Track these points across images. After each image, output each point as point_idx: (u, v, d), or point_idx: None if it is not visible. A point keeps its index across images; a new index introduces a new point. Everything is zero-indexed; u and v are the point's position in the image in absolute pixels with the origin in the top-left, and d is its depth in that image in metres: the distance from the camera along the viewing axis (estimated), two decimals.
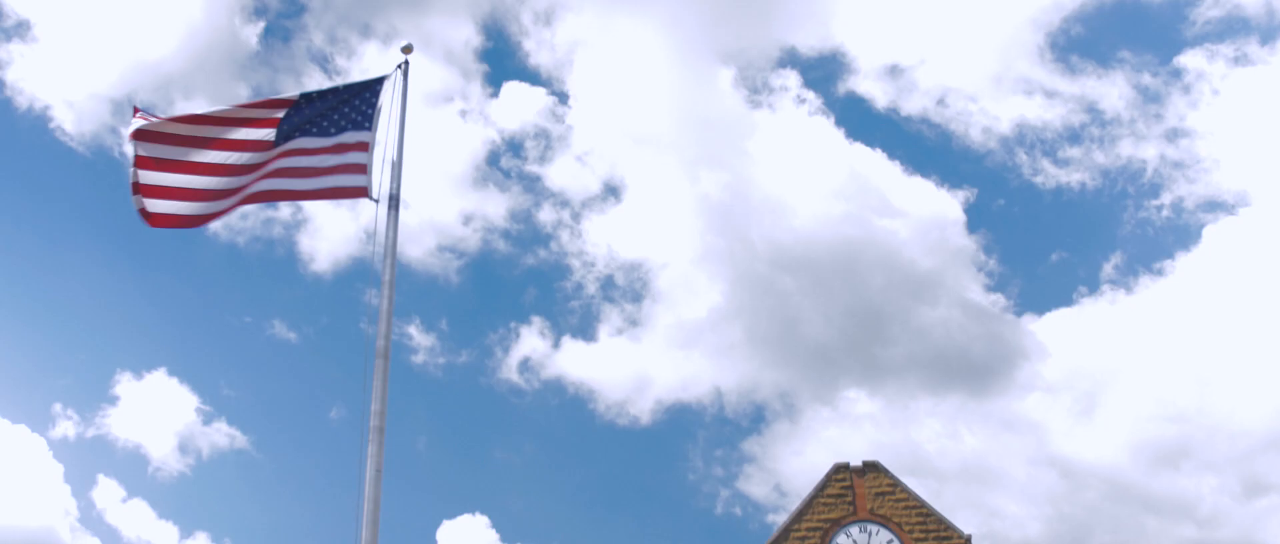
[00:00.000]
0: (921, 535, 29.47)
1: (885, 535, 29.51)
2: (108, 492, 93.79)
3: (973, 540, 30.09)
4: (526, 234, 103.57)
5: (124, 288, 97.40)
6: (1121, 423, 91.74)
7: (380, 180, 14.48)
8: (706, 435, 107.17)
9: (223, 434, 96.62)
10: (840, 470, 30.51)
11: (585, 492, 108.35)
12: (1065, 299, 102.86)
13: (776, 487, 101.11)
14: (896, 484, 30.05)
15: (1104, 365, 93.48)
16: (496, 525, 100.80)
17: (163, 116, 13.55)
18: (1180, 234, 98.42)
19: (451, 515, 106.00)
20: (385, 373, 12.67)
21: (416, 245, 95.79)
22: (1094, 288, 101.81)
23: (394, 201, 14.38)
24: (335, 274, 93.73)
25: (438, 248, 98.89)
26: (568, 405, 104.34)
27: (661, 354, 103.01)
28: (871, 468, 30.40)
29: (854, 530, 29.58)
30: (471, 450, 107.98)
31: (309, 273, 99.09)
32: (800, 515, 29.68)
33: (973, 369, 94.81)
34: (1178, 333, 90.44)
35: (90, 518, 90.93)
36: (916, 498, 29.89)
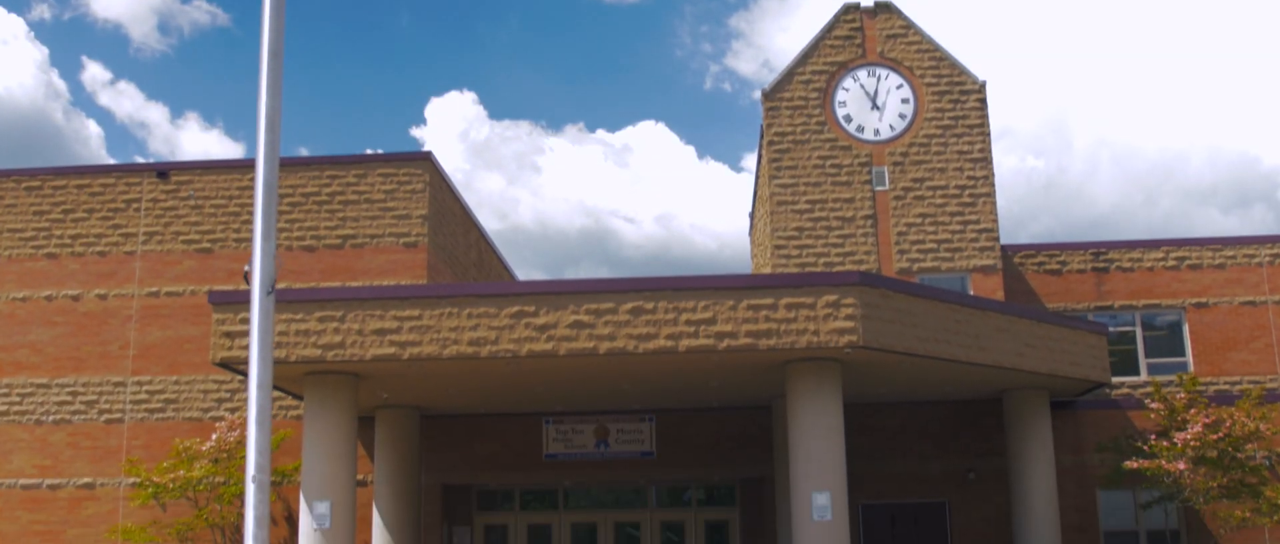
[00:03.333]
0: (933, 81, 27.73)
1: (895, 79, 27.74)
2: (95, 74, 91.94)
3: (986, 88, 28.42)
4: None
5: None
6: None
7: None
8: (693, 11, 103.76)
9: (204, 12, 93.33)
10: (849, 10, 28.28)
11: (572, 68, 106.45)
12: None
13: (765, 63, 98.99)
14: (909, 26, 27.96)
15: None
16: (484, 100, 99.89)
17: None
18: None
19: (439, 92, 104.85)
20: None
21: None
22: None
23: None
24: None
25: None
26: None
27: None
28: (883, 8, 28.18)
29: (862, 74, 27.78)
30: (456, 26, 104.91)
31: None
32: (805, 58, 27.79)
33: None
34: None
35: (81, 99, 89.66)
36: (930, 41, 27.88)
